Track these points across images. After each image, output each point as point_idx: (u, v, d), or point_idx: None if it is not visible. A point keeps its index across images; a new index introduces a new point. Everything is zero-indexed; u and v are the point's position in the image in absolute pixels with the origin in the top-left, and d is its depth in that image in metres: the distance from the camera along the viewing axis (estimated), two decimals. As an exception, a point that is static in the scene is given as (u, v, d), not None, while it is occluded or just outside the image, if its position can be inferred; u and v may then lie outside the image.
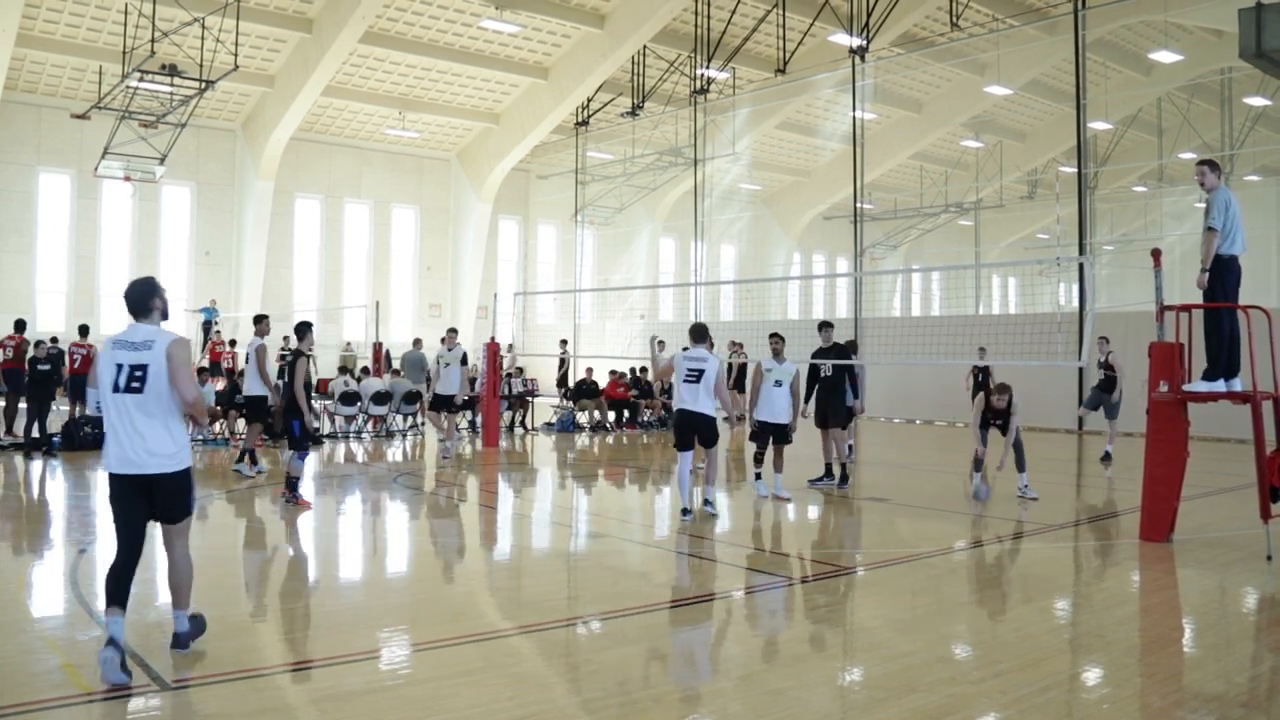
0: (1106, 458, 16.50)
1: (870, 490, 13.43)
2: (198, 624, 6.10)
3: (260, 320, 13.68)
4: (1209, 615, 7.58)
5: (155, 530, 5.90)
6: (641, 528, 11.09)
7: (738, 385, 24.32)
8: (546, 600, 7.64)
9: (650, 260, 41.04)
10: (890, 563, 8.99)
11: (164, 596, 7.55)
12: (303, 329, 12.18)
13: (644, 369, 25.18)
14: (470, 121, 36.04)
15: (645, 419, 24.21)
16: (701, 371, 10.93)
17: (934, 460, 18.23)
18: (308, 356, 11.95)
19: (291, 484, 11.43)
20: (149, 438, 5.64)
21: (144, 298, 5.99)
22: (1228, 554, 9.27)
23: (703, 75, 32.81)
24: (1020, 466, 12.72)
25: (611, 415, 23.89)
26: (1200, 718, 5.22)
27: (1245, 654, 6.57)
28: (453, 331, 17.57)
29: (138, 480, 5.66)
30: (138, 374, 5.69)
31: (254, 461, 14.20)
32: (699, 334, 11.30)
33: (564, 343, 30.22)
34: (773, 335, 12.96)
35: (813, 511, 11.91)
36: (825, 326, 13.69)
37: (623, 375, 24.73)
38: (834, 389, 13.51)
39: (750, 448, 13.27)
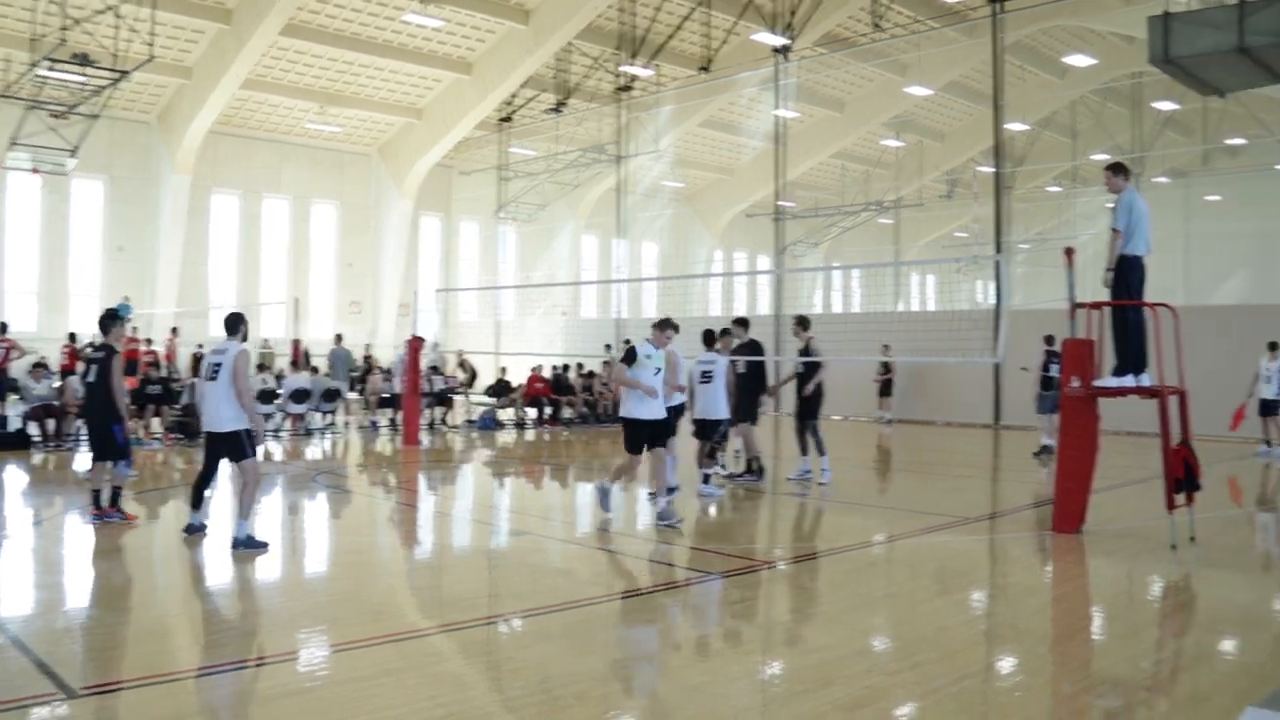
0: (1045, 450, 16.91)
1: (788, 486, 13.55)
2: (252, 541, 8.81)
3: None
4: (1117, 604, 7.78)
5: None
6: (563, 525, 11.08)
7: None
8: (467, 598, 7.60)
9: (572, 257, 41.01)
10: (809, 557, 9.09)
11: (72, 602, 7.41)
12: (108, 321, 10.46)
13: (565, 366, 25.16)
14: (392, 117, 35.67)
15: (568, 416, 24.19)
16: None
17: (852, 456, 18.45)
18: (118, 353, 10.39)
19: (115, 495, 10.15)
20: (220, 408, 9.07)
21: (233, 323, 9.45)
22: (1135, 544, 9.52)
23: (627, 72, 32.85)
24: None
25: (533, 413, 23.83)
26: (1108, 702, 5.37)
27: (1150, 640, 6.76)
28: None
29: (212, 434, 9.17)
30: (215, 368, 9.10)
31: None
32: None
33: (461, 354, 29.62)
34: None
35: (731, 507, 11.99)
36: (740, 323, 13.80)
37: (583, 369, 24.66)
38: (749, 386, 13.67)
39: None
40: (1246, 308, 23.35)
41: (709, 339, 12.77)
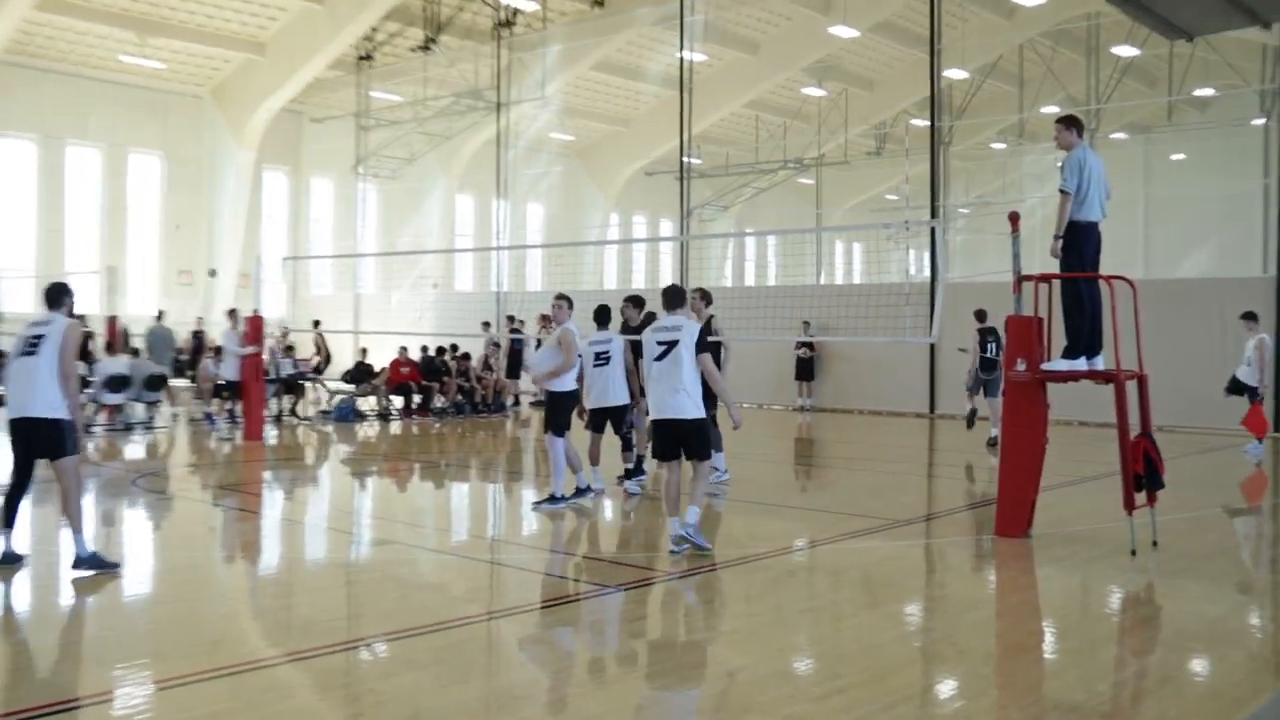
0: (994, 442, 17.20)
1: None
2: (96, 559, 8.45)
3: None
4: (1070, 618, 7.97)
5: None
6: (436, 532, 11.00)
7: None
8: (321, 621, 7.48)
9: (445, 221, 40.62)
10: (722, 566, 9.14)
11: None
12: None
13: (440, 349, 24.96)
14: (228, 51, 34.89)
15: (440, 405, 24.00)
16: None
17: (769, 450, 18.63)
18: None
19: None
20: (40, 390, 8.48)
21: (57, 295, 8.95)
22: (1090, 549, 9.76)
23: (508, 6, 32.61)
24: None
25: (399, 402, 23.60)
26: (1060, 730, 5.49)
27: (1108, 659, 6.93)
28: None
29: (25, 421, 8.54)
30: (35, 341, 8.57)
31: None
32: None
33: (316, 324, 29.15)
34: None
35: (633, 511, 12.01)
36: (633, 302, 13.83)
37: (457, 350, 24.48)
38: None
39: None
40: (1214, 281, 23.97)
41: (602, 317, 12.74)
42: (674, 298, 9.93)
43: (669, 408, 9.45)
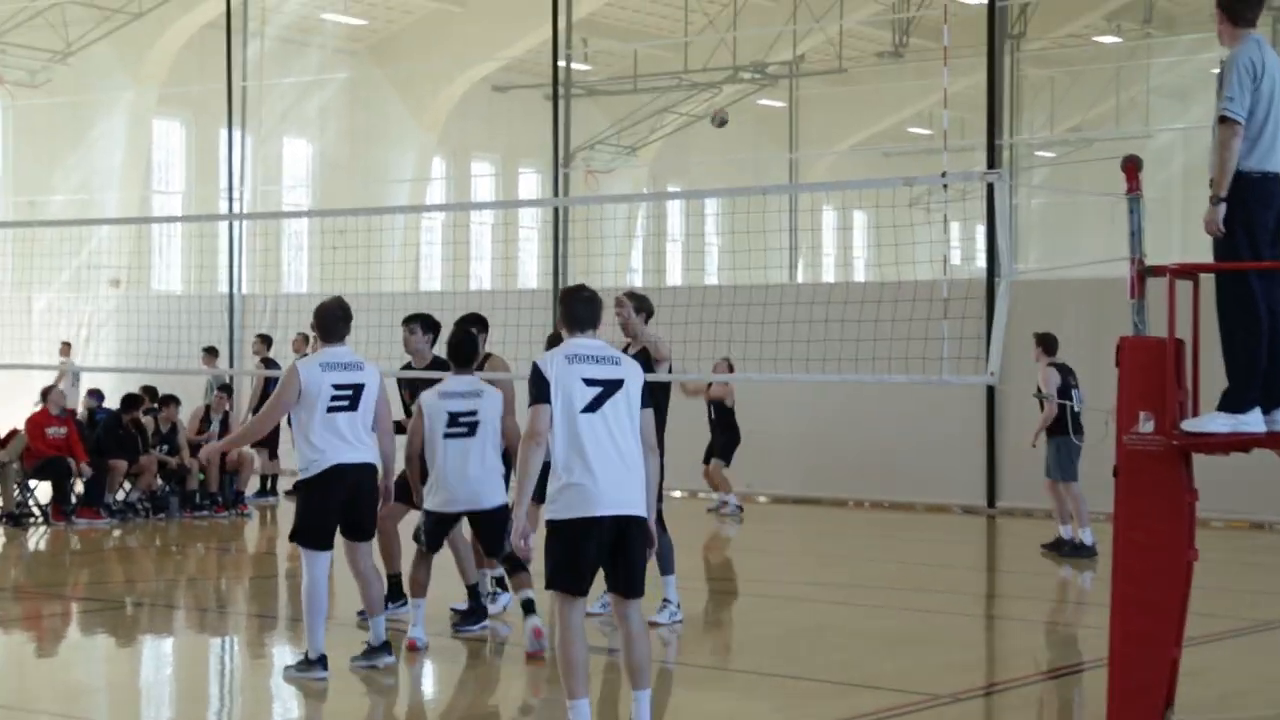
0: (1077, 550, 17.31)
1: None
2: None
3: None
4: None
5: None
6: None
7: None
8: None
9: (134, 165, 40.28)
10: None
11: None
12: None
13: (130, 397, 24.49)
14: None
15: (125, 497, 23.56)
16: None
17: (697, 567, 18.60)
18: None
19: None
20: None
21: None
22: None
23: None
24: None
25: (46, 491, 23.10)
26: None
27: None
28: None
29: None
30: None
31: None
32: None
33: None
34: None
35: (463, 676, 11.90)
36: (474, 322, 13.86)
37: (157, 398, 24.18)
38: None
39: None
40: None
41: (464, 350, 12.73)
42: (591, 310, 9.49)
43: (612, 496, 8.84)
